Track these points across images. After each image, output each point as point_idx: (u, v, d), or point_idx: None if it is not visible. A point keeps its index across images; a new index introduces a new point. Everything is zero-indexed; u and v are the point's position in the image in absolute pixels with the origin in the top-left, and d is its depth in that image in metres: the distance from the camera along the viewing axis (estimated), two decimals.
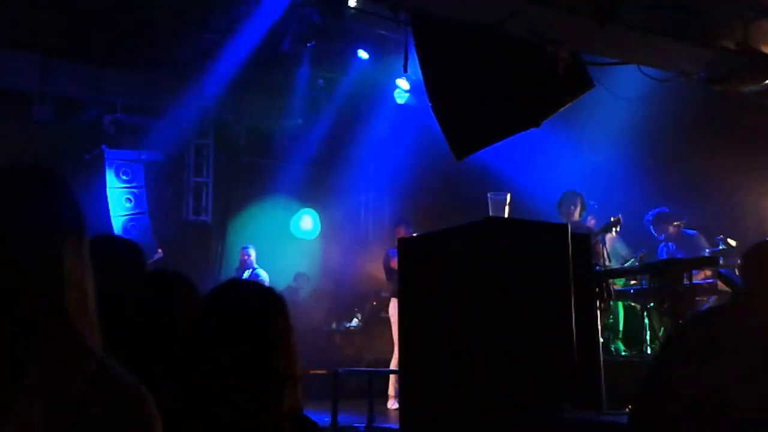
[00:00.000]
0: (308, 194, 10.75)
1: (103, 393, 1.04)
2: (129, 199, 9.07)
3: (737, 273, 5.27)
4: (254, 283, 1.83)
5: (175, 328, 2.03)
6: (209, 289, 1.81)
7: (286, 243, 9.95)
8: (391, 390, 7.95)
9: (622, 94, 6.26)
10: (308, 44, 8.50)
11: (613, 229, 6.40)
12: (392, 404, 7.84)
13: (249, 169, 10.67)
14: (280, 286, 9.32)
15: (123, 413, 1.06)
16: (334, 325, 10.65)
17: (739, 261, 4.46)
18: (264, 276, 9.03)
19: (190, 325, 1.81)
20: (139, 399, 1.08)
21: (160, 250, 8.78)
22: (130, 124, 9.21)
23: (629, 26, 5.21)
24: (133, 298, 2.17)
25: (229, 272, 9.40)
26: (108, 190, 8.96)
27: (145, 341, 2.01)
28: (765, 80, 5.52)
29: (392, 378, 7.86)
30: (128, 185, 9.09)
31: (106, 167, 9.08)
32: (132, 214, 9.05)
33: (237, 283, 1.84)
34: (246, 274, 8.93)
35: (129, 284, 2.24)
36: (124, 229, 8.74)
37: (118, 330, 2.04)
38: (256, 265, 9.21)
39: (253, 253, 9.26)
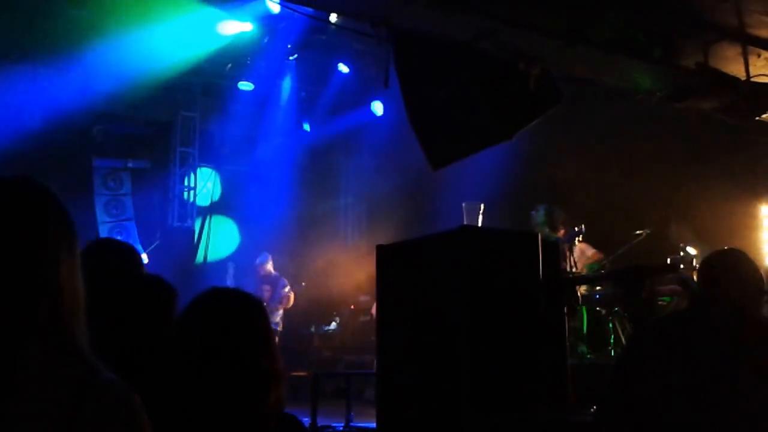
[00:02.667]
0: (290, 199, 10.90)
1: (94, 397, 1.05)
2: (115, 206, 9.20)
3: (696, 279, 5.50)
4: (234, 290, 1.91)
5: (156, 331, 2.13)
6: (193, 295, 1.88)
7: (270, 248, 10.07)
8: None
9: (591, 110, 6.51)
10: (291, 57, 8.72)
11: (577, 238, 6.69)
12: None
13: (233, 177, 10.81)
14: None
15: (114, 417, 1.06)
16: (313, 329, 10.79)
17: (697, 268, 4.64)
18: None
19: (175, 329, 1.87)
20: (130, 403, 1.09)
21: (145, 256, 8.91)
22: (118, 133, 9.33)
23: (597, 47, 5.45)
24: (116, 302, 2.22)
25: (212, 278, 9.52)
26: (95, 197, 9.08)
27: (128, 345, 2.07)
28: (723, 98, 5.79)
29: None
30: (115, 193, 9.22)
31: (94, 175, 9.20)
32: (118, 221, 9.18)
33: (218, 289, 1.90)
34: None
35: (117, 288, 2.28)
36: (110, 235, 8.85)
37: (105, 333, 2.22)
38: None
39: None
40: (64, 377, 1.06)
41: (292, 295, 9.36)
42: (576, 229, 6.73)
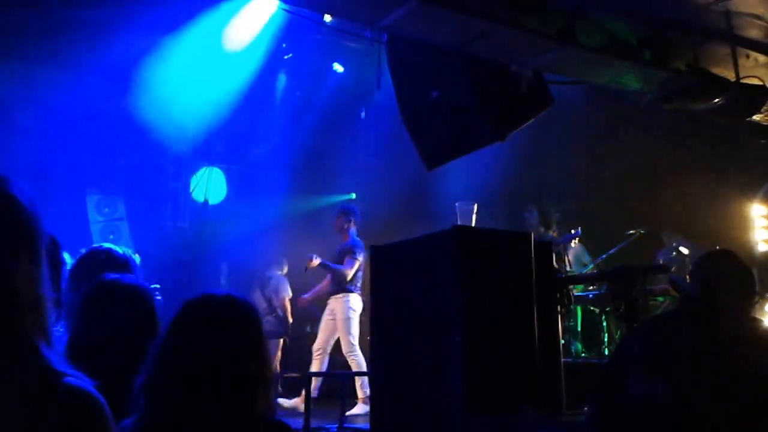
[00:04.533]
0: (284, 200, 10.90)
1: (58, 404, 1.03)
2: (107, 205, 9.18)
3: (687, 280, 5.54)
4: (224, 294, 1.92)
5: (140, 337, 2.15)
6: (186, 296, 1.90)
7: (264, 247, 10.08)
8: (360, 393, 7.65)
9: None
10: (285, 57, 8.73)
11: (573, 240, 6.76)
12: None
13: (227, 176, 10.80)
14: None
15: (78, 424, 1.04)
16: (308, 329, 10.79)
17: (689, 269, 4.68)
18: None
19: (165, 335, 1.87)
20: (93, 409, 1.07)
21: (137, 256, 8.88)
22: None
23: (588, 48, 5.48)
24: (102, 307, 2.27)
25: (206, 278, 9.51)
26: (87, 197, 9.06)
27: (113, 351, 2.11)
28: (714, 99, 5.83)
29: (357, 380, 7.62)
30: (107, 192, 9.21)
31: (86, 175, 9.18)
32: (110, 220, 9.16)
33: (209, 295, 1.91)
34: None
35: (103, 294, 2.32)
36: (102, 235, 8.85)
37: (92, 339, 2.18)
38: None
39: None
40: (29, 386, 1.03)
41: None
42: (573, 231, 6.80)
